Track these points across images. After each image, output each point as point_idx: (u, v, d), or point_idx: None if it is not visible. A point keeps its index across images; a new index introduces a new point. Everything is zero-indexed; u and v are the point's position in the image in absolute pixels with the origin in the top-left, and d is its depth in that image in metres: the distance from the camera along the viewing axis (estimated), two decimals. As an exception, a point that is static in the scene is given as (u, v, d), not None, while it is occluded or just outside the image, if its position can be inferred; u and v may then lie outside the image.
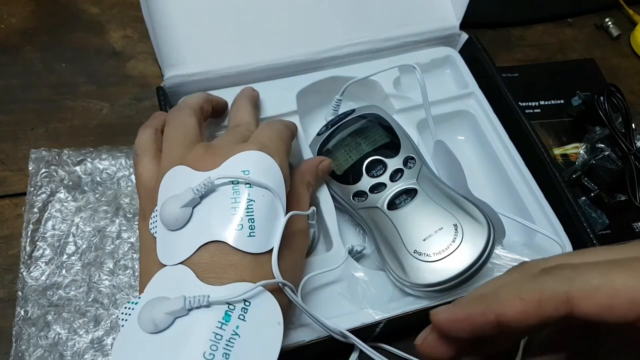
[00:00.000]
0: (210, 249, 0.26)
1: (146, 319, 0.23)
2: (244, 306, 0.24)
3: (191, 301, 0.23)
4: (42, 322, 0.37)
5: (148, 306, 0.24)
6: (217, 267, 0.25)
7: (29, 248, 0.40)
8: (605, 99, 0.48)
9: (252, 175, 0.28)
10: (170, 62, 0.42)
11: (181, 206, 0.26)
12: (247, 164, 0.28)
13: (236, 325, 0.24)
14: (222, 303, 0.24)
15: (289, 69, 0.44)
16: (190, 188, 0.26)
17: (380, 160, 0.38)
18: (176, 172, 0.29)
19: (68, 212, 0.42)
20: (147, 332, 0.23)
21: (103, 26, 0.54)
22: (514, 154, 0.43)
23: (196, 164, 0.29)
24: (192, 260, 0.26)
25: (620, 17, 0.62)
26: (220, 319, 0.24)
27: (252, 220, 0.26)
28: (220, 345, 0.23)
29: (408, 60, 0.44)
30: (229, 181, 0.27)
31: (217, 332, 0.23)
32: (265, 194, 0.28)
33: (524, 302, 0.17)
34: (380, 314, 0.33)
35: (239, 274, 0.25)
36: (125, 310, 0.25)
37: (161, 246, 0.27)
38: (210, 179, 0.27)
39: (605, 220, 0.46)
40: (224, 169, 0.28)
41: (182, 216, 0.26)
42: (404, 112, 0.44)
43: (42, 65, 0.51)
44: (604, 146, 0.48)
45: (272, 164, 0.29)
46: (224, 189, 0.27)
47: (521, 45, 0.59)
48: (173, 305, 0.23)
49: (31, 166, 0.43)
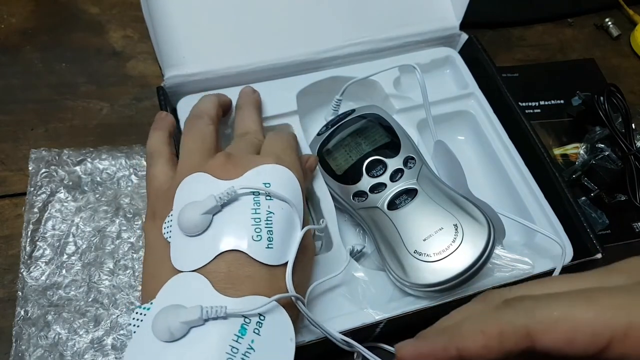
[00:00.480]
0: (228, 258, 0.26)
1: (161, 327, 0.23)
2: (259, 320, 0.24)
3: (208, 311, 0.23)
4: (42, 322, 0.37)
5: (163, 314, 0.24)
6: (233, 278, 0.25)
7: (29, 248, 0.40)
8: (605, 99, 0.48)
9: (272, 187, 0.28)
10: (170, 62, 0.42)
11: (202, 213, 0.26)
12: (268, 176, 0.29)
13: (251, 340, 0.24)
14: (238, 316, 0.24)
15: (289, 69, 0.44)
16: (212, 195, 0.27)
17: (380, 160, 0.38)
18: (196, 178, 0.29)
19: (68, 212, 0.42)
20: (161, 340, 0.23)
21: (103, 26, 0.54)
22: (514, 154, 0.43)
23: (218, 172, 0.29)
24: (208, 269, 0.25)
25: (620, 17, 0.62)
26: (237, 332, 0.23)
27: (270, 232, 0.27)
28: (237, 358, 0.23)
29: (408, 60, 0.44)
30: (250, 192, 0.28)
31: (234, 346, 0.23)
32: (284, 207, 0.28)
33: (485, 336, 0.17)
34: (380, 314, 0.33)
35: (255, 286, 0.25)
36: (136, 316, 0.25)
37: (176, 251, 0.27)
38: (234, 189, 0.27)
39: (605, 220, 0.46)
40: (247, 180, 0.28)
41: (201, 223, 0.26)
42: (404, 112, 0.44)
43: (42, 65, 0.51)
44: (604, 146, 0.48)
45: (291, 177, 0.30)
46: (246, 200, 0.28)
47: (521, 46, 0.59)
48: (190, 314, 0.23)
49: (31, 166, 0.43)
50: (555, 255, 0.37)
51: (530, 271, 0.36)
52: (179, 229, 0.27)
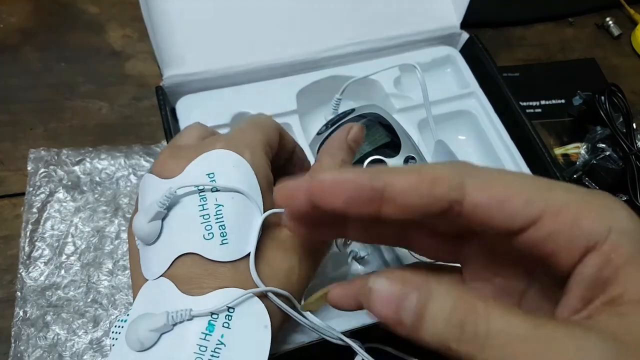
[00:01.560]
0: (186, 260, 0.25)
1: (133, 337, 0.23)
2: (228, 313, 0.24)
3: (174, 316, 0.23)
4: (41, 322, 0.37)
5: (134, 324, 0.23)
6: (196, 278, 0.25)
7: (28, 248, 0.40)
8: (606, 98, 0.48)
9: (217, 178, 0.26)
10: (169, 61, 0.42)
11: (148, 221, 0.25)
12: (211, 166, 0.26)
13: (221, 334, 0.23)
14: (205, 314, 0.23)
15: (289, 68, 0.44)
16: (154, 202, 0.25)
17: (380, 160, 0.38)
18: (145, 181, 0.28)
19: (67, 212, 0.42)
20: (134, 350, 0.23)
21: (102, 26, 0.54)
22: (515, 153, 0.42)
23: (161, 171, 0.27)
24: (171, 273, 0.25)
25: (621, 17, 0.62)
26: (204, 330, 0.23)
27: (222, 226, 0.25)
28: (206, 356, 0.22)
29: (408, 59, 0.44)
30: (195, 188, 0.26)
31: (201, 344, 0.23)
32: (235, 196, 0.26)
33: (420, 176, 0.16)
34: (380, 315, 0.33)
35: (219, 282, 0.25)
36: (115, 329, 0.25)
37: (142, 261, 0.26)
38: (172, 190, 0.25)
39: (606, 220, 0.46)
40: (186, 176, 0.26)
41: (152, 231, 0.25)
42: (405, 112, 0.44)
43: (41, 65, 0.50)
44: (605, 146, 0.47)
45: (239, 162, 0.27)
46: (190, 198, 0.26)
47: (522, 45, 0.59)
48: (157, 322, 0.23)
49: (30, 166, 0.43)
50: (556, 255, 0.36)
51: (531, 271, 0.35)
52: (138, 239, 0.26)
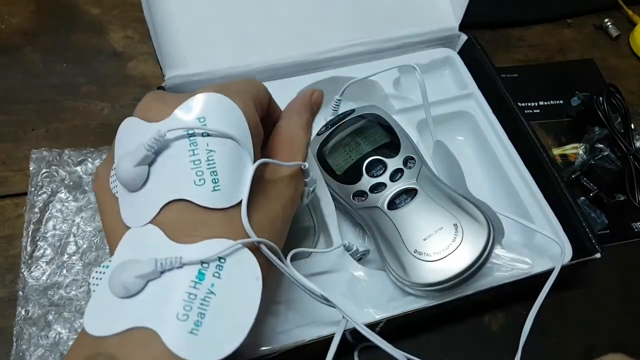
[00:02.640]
0: (175, 207, 0.24)
1: (117, 283, 0.22)
2: (219, 263, 0.23)
3: (163, 263, 0.22)
4: (42, 321, 0.37)
5: (118, 270, 0.23)
6: (186, 225, 0.24)
7: (30, 248, 0.40)
8: (605, 99, 0.48)
9: (208, 123, 0.25)
10: (171, 62, 0.42)
11: (134, 165, 0.24)
12: (202, 109, 0.25)
13: (211, 284, 0.23)
14: (195, 262, 0.23)
15: (289, 69, 0.44)
16: (141, 144, 0.24)
17: (380, 160, 0.38)
18: (127, 124, 0.26)
19: (69, 212, 0.42)
20: (118, 296, 0.22)
21: (104, 27, 0.54)
22: (514, 154, 0.43)
23: (145, 114, 0.26)
24: (159, 220, 0.24)
25: (620, 18, 0.62)
26: (194, 278, 0.22)
27: (214, 172, 0.24)
28: (195, 304, 0.22)
29: (408, 60, 0.44)
30: (184, 132, 0.25)
31: (191, 292, 0.22)
32: (227, 142, 0.25)
33: None
34: (380, 314, 0.33)
35: (210, 230, 0.24)
36: (95, 275, 0.24)
37: (124, 208, 0.25)
38: (161, 132, 0.24)
39: (604, 220, 0.46)
40: (177, 119, 0.25)
41: (138, 176, 0.24)
42: (404, 113, 0.44)
43: (43, 66, 0.51)
44: (603, 146, 0.48)
45: (231, 107, 0.26)
46: (180, 142, 0.25)
47: (520, 46, 0.59)
48: (144, 268, 0.22)
49: (32, 166, 0.43)
50: (554, 255, 0.37)
51: (529, 271, 0.36)
52: (120, 185, 0.25)
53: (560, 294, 0.41)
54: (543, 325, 0.34)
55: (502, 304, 0.40)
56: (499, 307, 0.41)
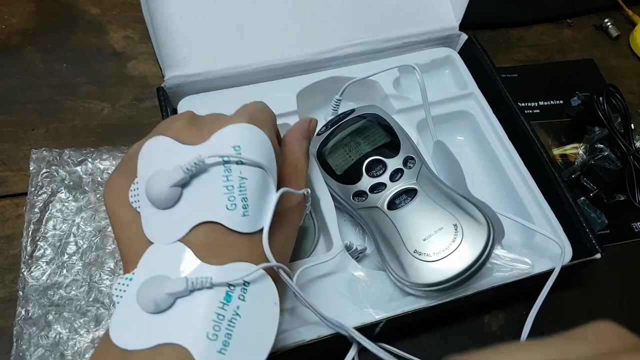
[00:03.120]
0: (205, 228, 0.25)
1: (146, 298, 0.23)
2: (244, 287, 0.24)
3: (194, 282, 0.23)
4: (43, 321, 0.37)
5: (147, 285, 0.23)
6: (214, 247, 0.25)
7: (30, 248, 0.40)
8: (605, 99, 0.48)
9: (243, 151, 0.26)
10: (170, 62, 0.42)
11: (170, 185, 0.25)
12: (238, 138, 0.27)
13: (237, 306, 0.24)
14: (223, 284, 0.24)
15: (289, 69, 0.44)
16: (179, 167, 0.25)
17: (380, 160, 0.38)
18: (158, 142, 0.27)
19: (69, 212, 0.42)
20: (147, 311, 0.23)
21: (104, 27, 0.54)
22: (514, 154, 0.43)
23: (182, 135, 0.27)
24: (187, 239, 0.25)
25: (620, 18, 0.62)
26: (222, 299, 0.23)
27: (245, 199, 0.26)
28: (223, 325, 0.23)
29: (408, 60, 0.44)
30: (220, 159, 0.26)
31: (220, 313, 0.23)
32: (257, 171, 0.27)
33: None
34: (380, 314, 0.33)
35: (237, 253, 0.25)
36: (119, 287, 0.24)
37: (148, 224, 0.26)
38: (202, 158, 0.25)
39: (604, 220, 0.46)
40: (214, 146, 0.26)
41: (172, 195, 0.25)
42: (404, 113, 0.44)
43: (42, 66, 0.51)
44: (603, 146, 0.48)
45: (262, 138, 0.28)
46: (216, 168, 0.26)
47: (520, 46, 0.59)
48: (175, 286, 0.23)
49: (32, 166, 0.43)
50: (554, 255, 0.37)
51: (529, 271, 0.36)
52: (149, 201, 0.25)
53: (560, 294, 0.41)
54: (543, 325, 0.34)
55: (502, 304, 0.40)
56: (499, 307, 0.41)
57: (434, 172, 0.39)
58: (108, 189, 0.28)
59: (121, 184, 0.27)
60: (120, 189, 0.27)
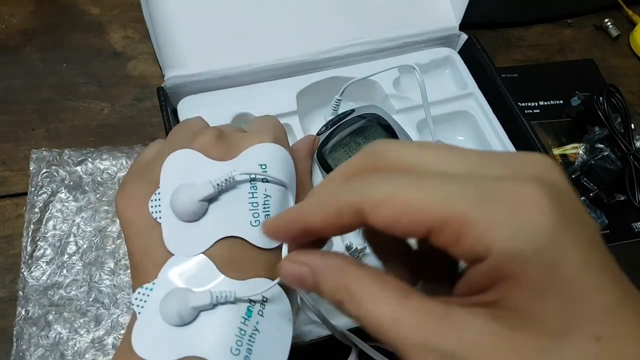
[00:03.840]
0: (228, 242, 0.26)
1: (170, 311, 0.23)
2: (263, 302, 0.25)
3: (218, 297, 0.23)
4: (43, 321, 0.37)
5: (171, 298, 0.24)
6: (236, 261, 0.25)
7: (30, 248, 0.40)
8: (605, 99, 0.48)
9: (269, 170, 0.27)
10: (170, 62, 0.42)
11: (199, 199, 0.25)
12: (264, 157, 0.28)
13: (256, 321, 0.24)
14: (245, 300, 0.24)
15: (289, 69, 0.44)
16: (209, 182, 0.26)
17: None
18: (186, 155, 0.27)
19: (69, 212, 0.42)
20: (171, 324, 0.23)
21: (104, 27, 0.54)
22: (514, 154, 0.43)
23: (209, 151, 0.27)
24: (210, 252, 0.25)
25: (620, 18, 0.62)
26: (244, 315, 0.24)
27: (268, 215, 0.27)
28: (245, 340, 0.23)
29: (408, 60, 0.44)
30: (247, 176, 0.27)
31: (242, 328, 0.24)
32: (280, 189, 0.28)
33: (326, 214, 0.18)
34: (380, 314, 0.33)
35: (257, 269, 0.26)
36: (139, 296, 0.24)
37: (170, 235, 0.26)
38: (232, 175, 0.26)
39: (604, 220, 0.46)
40: (242, 163, 0.27)
41: (199, 209, 0.26)
42: (404, 113, 0.44)
43: (42, 66, 0.51)
44: (603, 146, 0.48)
45: (287, 157, 0.29)
46: (243, 185, 0.27)
47: (520, 46, 0.59)
48: (200, 300, 0.23)
49: (32, 166, 0.43)
50: (554, 254, 0.37)
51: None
52: (172, 212, 0.26)
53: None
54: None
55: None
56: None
57: (434, 172, 0.39)
58: (124, 197, 0.28)
59: (139, 193, 0.27)
60: (137, 196, 0.27)
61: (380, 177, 0.17)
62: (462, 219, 0.15)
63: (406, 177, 0.17)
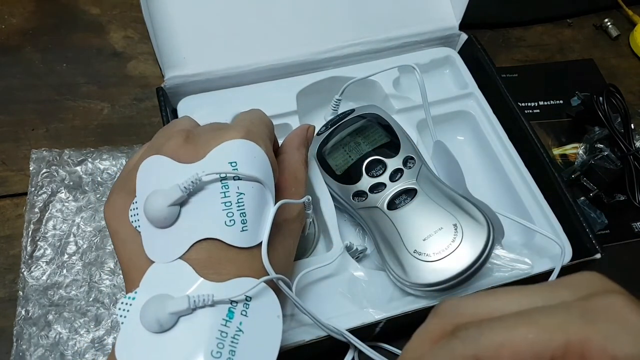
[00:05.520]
0: (204, 245, 0.25)
1: (150, 318, 0.23)
2: (246, 302, 0.25)
3: (196, 301, 0.23)
4: (43, 321, 0.37)
5: (150, 305, 0.24)
6: (214, 263, 0.25)
7: (30, 248, 0.40)
8: (605, 99, 0.48)
9: (239, 167, 0.27)
10: (170, 62, 0.42)
11: (168, 205, 0.25)
12: (234, 155, 0.27)
13: (239, 322, 0.24)
14: (225, 301, 0.24)
15: (289, 69, 0.44)
16: (177, 186, 0.25)
17: (380, 160, 0.38)
18: (154, 162, 0.27)
19: (69, 212, 0.42)
20: (151, 331, 0.23)
21: (104, 27, 0.54)
22: (513, 154, 0.43)
23: (176, 154, 0.27)
24: (187, 257, 0.25)
25: (620, 18, 0.62)
26: (225, 317, 0.24)
27: (243, 214, 0.26)
28: (226, 342, 0.23)
29: (408, 60, 0.44)
30: (217, 176, 0.26)
31: (223, 330, 0.23)
32: (255, 185, 0.27)
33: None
34: (380, 314, 0.33)
35: (238, 268, 0.25)
36: (122, 306, 0.25)
37: (148, 243, 0.26)
38: (198, 176, 0.25)
39: (604, 220, 0.46)
40: (210, 163, 0.27)
41: (170, 214, 0.25)
42: (404, 112, 0.44)
43: (42, 66, 0.51)
44: (603, 146, 0.48)
45: (258, 152, 0.28)
46: (213, 185, 0.26)
47: (520, 46, 0.59)
48: (178, 305, 0.23)
49: (32, 166, 0.43)
50: (554, 255, 0.37)
51: (529, 271, 0.36)
52: (148, 221, 0.26)
53: (560, 294, 0.41)
54: (543, 326, 0.34)
55: (502, 304, 0.40)
56: (499, 307, 0.41)
57: (433, 172, 0.39)
58: (108, 207, 0.28)
59: (121, 203, 0.27)
60: (120, 207, 0.27)
61: (481, 326, 0.17)
62: (581, 339, 0.16)
63: (508, 319, 0.17)
